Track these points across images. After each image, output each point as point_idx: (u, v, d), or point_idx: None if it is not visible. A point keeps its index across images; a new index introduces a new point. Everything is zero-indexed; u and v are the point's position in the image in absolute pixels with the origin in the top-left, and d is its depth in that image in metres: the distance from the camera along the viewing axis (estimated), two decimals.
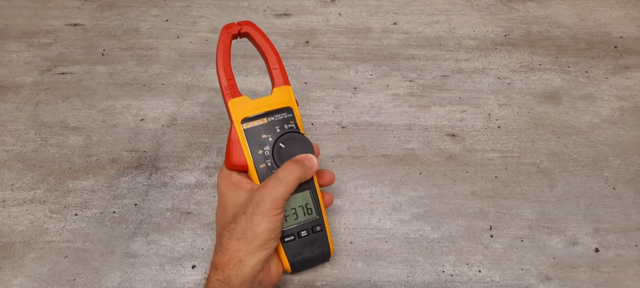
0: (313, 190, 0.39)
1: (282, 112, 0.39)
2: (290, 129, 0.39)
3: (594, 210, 0.47)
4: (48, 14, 0.67)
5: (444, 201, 0.48)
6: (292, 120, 0.39)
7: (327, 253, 0.40)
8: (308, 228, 0.39)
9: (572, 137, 0.53)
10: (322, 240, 0.40)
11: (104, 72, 0.59)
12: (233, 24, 0.41)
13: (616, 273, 0.43)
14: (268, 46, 0.41)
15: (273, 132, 0.39)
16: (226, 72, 0.39)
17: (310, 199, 0.39)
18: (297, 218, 0.39)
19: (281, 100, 0.40)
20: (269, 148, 0.39)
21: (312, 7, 0.68)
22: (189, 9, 0.68)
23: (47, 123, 0.54)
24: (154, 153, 0.52)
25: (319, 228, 0.39)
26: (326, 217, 0.40)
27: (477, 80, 0.59)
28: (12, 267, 0.43)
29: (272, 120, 0.39)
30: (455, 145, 0.52)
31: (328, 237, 0.40)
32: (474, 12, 0.68)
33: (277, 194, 0.35)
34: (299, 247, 0.39)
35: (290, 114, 0.40)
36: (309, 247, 0.39)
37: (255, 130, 0.39)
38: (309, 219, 0.39)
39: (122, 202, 0.48)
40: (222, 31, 0.40)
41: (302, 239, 0.39)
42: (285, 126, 0.39)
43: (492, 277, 0.43)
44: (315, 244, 0.39)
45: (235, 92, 0.39)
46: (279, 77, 0.40)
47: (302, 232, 0.39)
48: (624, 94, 0.58)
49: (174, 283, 0.42)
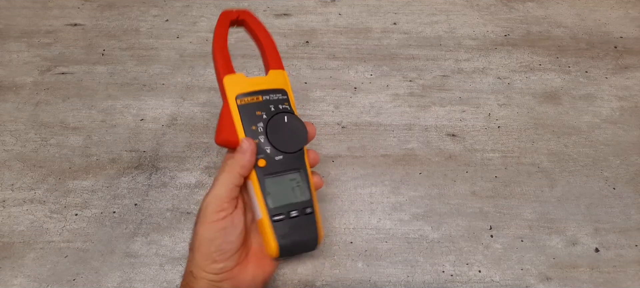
0: (304, 171, 0.38)
1: (277, 92, 0.39)
2: (284, 109, 0.39)
3: (594, 210, 0.47)
4: (48, 14, 0.67)
5: (444, 201, 0.48)
6: (286, 102, 0.39)
7: (315, 240, 0.38)
8: (299, 208, 0.37)
9: (572, 137, 0.53)
10: (312, 223, 0.38)
11: (104, 72, 0.59)
12: (232, 11, 0.41)
13: (616, 273, 0.43)
14: (263, 32, 0.41)
15: (267, 110, 0.38)
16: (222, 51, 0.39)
17: (301, 180, 0.38)
18: (287, 198, 0.37)
19: (277, 82, 0.40)
20: (263, 125, 0.38)
21: (312, 7, 0.68)
22: (189, 9, 0.68)
23: (47, 123, 0.54)
24: (154, 153, 0.52)
25: (309, 210, 0.38)
26: (317, 202, 0.39)
27: (477, 80, 0.59)
28: (12, 267, 0.43)
29: (267, 99, 0.39)
30: (455, 145, 0.52)
31: (318, 221, 0.38)
32: (474, 12, 0.68)
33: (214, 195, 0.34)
34: (288, 228, 0.37)
35: (284, 96, 0.39)
36: (299, 230, 0.37)
37: (250, 107, 0.38)
38: (300, 200, 0.38)
39: (122, 202, 0.48)
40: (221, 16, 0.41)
41: (292, 220, 0.37)
42: (279, 106, 0.39)
43: (492, 277, 0.43)
44: (305, 228, 0.38)
45: (230, 69, 0.39)
46: (274, 60, 0.40)
47: (293, 212, 0.37)
48: (624, 94, 0.58)
49: (174, 283, 0.42)
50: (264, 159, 0.37)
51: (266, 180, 0.37)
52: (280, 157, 0.38)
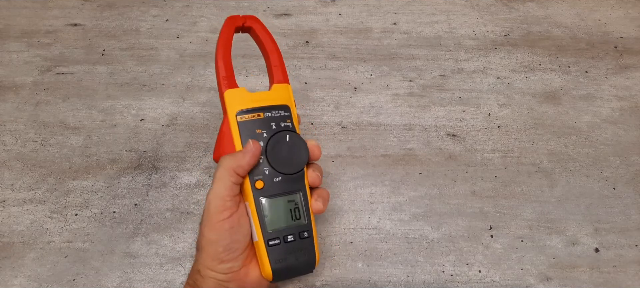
0: (303, 194, 0.38)
1: (280, 109, 0.38)
2: (286, 127, 0.38)
3: (594, 210, 0.47)
4: (48, 14, 0.67)
5: (444, 201, 0.48)
6: (289, 119, 0.38)
7: (312, 263, 0.38)
8: (295, 233, 0.37)
9: (572, 137, 0.53)
10: (309, 247, 0.37)
11: (104, 72, 0.59)
12: (238, 17, 0.40)
13: (616, 273, 0.43)
14: (271, 43, 0.40)
15: (268, 128, 0.37)
16: (225, 62, 0.38)
17: (301, 203, 0.37)
18: (284, 221, 0.37)
19: (279, 97, 0.38)
20: (263, 144, 0.37)
21: (312, 7, 0.68)
22: (189, 9, 0.68)
23: (47, 123, 0.54)
24: (154, 153, 0.52)
25: (306, 235, 0.37)
26: (315, 225, 0.38)
27: (477, 80, 0.59)
28: (12, 267, 0.43)
29: (269, 116, 0.38)
30: (455, 145, 0.52)
31: (315, 245, 0.38)
32: (474, 12, 0.68)
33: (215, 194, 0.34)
34: (283, 252, 0.36)
35: (287, 112, 0.38)
36: (294, 254, 0.37)
37: (250, 124, 0.37)
38: (297, 224, 0.37)
39: (122, 202, 0.48)
40: (226, 22, 0.39)
41: (288, 244, 0.36)
42: (281, 124, 0.38)
43: (492, 277, 0.43)
44: (302, 252, 0.37)
45: (232, 82, 0.38)
46: (280, 74, 0.39)
47: (289, 236, 0.36)
48: (624, 94, 0.58)
49: (174, 283, 0.42)
50: (261, 180, 0.36)
51: (263, 202, 0.36)
52: (278, 178, 0.37)
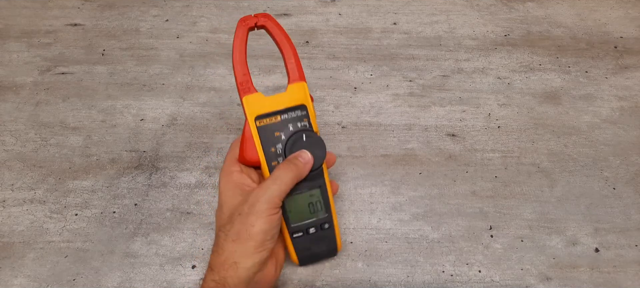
0: (324, 189, 0.40)
1: (296, 110, 0.39)
2: (303, 127, 0.39)
3: (594, 210, 0.47)
4: (48, 14, 0.67)
5: (444, 201, 0.48)
6: (305, 118, 0.39)
7: (334, 249, 0.41)
8: (317, 225, 0.40)
9: (572, 137, 0.53)
10: (331, 236, 0.41)
11: (104, 72, 0.59)
12: (249, 17, 0.40)
13: (616, 273, 0.43)
14: (284, 40, 0.40)
15: (286, 129, 0.39)
16: (242, 67, 0.39)
17: (320, 197, 0.40)
18: (306, 216, 0.39)
19: (295, 98, 0.39)
20: (281, 146, 0.38)
21: (312, 7, 0.68)
22: (189, 9, 0.68)
23: (47, 123, 0.54)
24: (154, 153, 0.52)
25: (327, 226, 0.40)
26: (335, 215, 0.41)
27: (477, 80, 0.59)
28: (12, 267, 0.43)
29: (286, 118, 0.39)
30: (455, 145, 0.52)
31: (336, 233, 0.41)
32: (474, 12, 0.68)
33: (271, 193, 0.35)
34: (307, 242, 0.40)
35: (304, 111, 0.39)
36: (317, 243, 0.40)
37: (268, 128, 0.38)
38: (319, 217, 0.40)
39: (122, 202, 0.48)
40: (239, 24, 0.40)
41: (310, 236, 0.40)
42: (298, 124, 0.39)
43: (492, 277, 0.43)
44: (324, 241, 0.40)
45: (250, 87, 0.39)
46: (295, 72, 0.40)
47: (311, 229, 0.40)
48: (624, 94, 0.58)
49: (174, 283, 0.42)
50: None
51: (286, 199, 0.38)
52: None
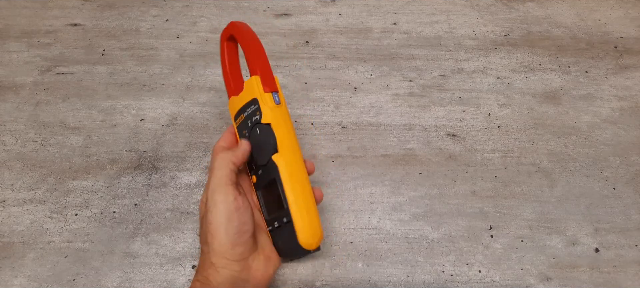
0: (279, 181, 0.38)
1: (251, 105, 0.40)
2: (255, 122, 0.40)
3: (594, 210, 0.47)
4: (48, 14, 0.67)
5: (444, 201, 0.48)
6: (257, 112, 0.40)
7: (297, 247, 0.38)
8: (279, 219, 0.39)
9: (572, 137, 0.53)
10: (291, 231, 0.38)
11: (104, 72, 0.59)
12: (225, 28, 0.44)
13: (616, 273, 0.43)
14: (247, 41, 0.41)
15: (247, 126, 0.40)
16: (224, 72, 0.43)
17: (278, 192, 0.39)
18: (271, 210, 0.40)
19: (249, 93, 0.41)
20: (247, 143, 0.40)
21: (312, 7, 0.68)
22: (189, 9, 0.68)
23: (47, 123, 0.54)
24: (154, 153, 0.52)
25: (285, 220, 0.38)
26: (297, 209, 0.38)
27: (477, 80, 0.59)
28: (12, 267, 0.43)
29: (246, 115, 0.41)
30: (455, 145, 0.52)
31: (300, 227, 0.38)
32: (474, 12, 0.68)
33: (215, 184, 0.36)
34: (277, 237, 0.40)
35: (255, 105, 0.40)
36: (283, 237, 0.40)
37: (241, 127, 0.41)
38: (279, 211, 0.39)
39: (122, 202, 0.48)
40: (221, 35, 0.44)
41: (277, 230, 0.40)
42: (253, 119, 0.40)
43: (492, 277, 0.43)
44: (288, 235, 0.39)
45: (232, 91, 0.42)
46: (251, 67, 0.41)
47: (275, 222, 0.40)
48: (624, 94, 0.58)
49: (174, 283, 0.42)
50: (254, 174, 0.41)
51: (258, 193, 0.41)
52: (260, 170, 0.40)
